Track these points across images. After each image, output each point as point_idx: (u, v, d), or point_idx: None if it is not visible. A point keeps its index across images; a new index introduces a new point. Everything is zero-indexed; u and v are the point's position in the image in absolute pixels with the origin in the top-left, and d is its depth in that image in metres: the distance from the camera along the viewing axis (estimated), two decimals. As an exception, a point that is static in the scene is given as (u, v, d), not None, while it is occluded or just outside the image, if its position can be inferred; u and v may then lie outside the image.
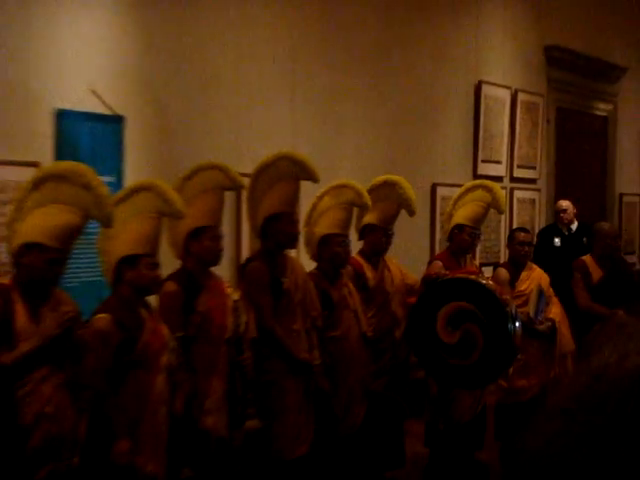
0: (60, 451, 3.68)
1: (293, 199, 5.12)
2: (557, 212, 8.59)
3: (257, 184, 5.03)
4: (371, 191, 5.61)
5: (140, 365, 4.04)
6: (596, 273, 6.85)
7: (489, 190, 6.03)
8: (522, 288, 6.24)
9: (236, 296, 4.69)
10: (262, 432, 4.69)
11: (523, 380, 6.15)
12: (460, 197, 6.08)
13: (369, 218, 5.69)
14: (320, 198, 5.42)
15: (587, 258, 6.96)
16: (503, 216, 8.62)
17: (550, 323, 6.18)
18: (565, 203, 8.63)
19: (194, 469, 4.22)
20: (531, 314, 6.09)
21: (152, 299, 4.38)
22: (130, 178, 5.28)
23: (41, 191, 3.76)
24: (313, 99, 6.85)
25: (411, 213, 5.80)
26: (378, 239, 5.74)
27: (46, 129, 4.99)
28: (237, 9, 6.20)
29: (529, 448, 1.17)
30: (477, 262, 6.88)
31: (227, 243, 5.32)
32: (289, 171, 5.04)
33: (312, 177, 5.09)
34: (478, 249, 7.53)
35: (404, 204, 5.73)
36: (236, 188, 4.86)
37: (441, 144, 8.26)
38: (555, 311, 6.28)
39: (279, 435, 4.86)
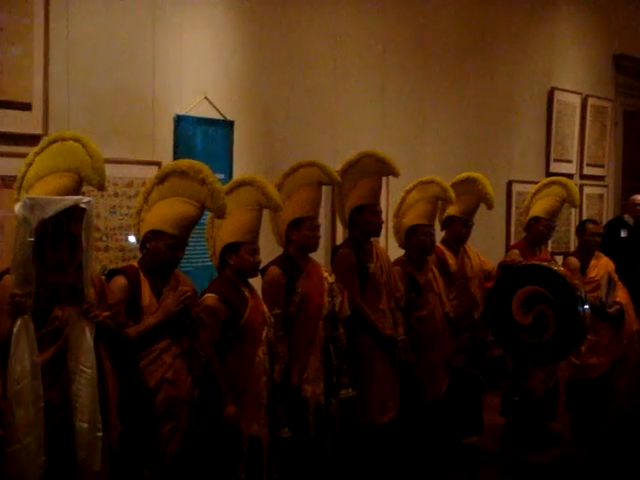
0: (179, 412, 3.72)
1: (376, 192, 5.08)
2: (632, 205, 8.32)
3: (344, 179, 5.01)
4: (453, 186, 5.53)
5: (244, 338, 4.06)
6: None
7: (564, 186, 5.90)
8: (592, 275, 6.09)
9: (332, 279, 4.68)
10: (355, 400, 4.66)
11: (594, 358, 6.00)
12: (537, 192, 5.97)
13: (451, 210, 5.62)
14: (408, 192, 5.38)
15: None
16: (574, 209, 8.45)
17: (618, 306, 6.02)
18: None
19: (293, 430, 4.22)
20: (603, 298, 5.94)
21: (256, 281, 4.40)
22: (238, 175, 5.30)
23: (164, 185, 3.80)
24: (400, 104, 6.80)
25: (490, 207, 5.71)
26: (459, 229, 5.66)
27: (167, 132, 5.08)
28: (334, 26, 6.19)
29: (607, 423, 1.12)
30: (550, 251, 6.71)
31: (324, 232, 5.32)
32: (372, 167, 5.01)
33: (393, 172, 5.05)
34: (551, 239, 7.36)
35: (483, 198, 5.64)
36: (332, 183, 4.84)
37: (517, 144, 8.13)
38: (622, 295, 6.13)
39: (368, 402, 4.83)
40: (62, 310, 3.29)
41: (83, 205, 3.16)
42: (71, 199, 3.19)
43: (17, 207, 3.09)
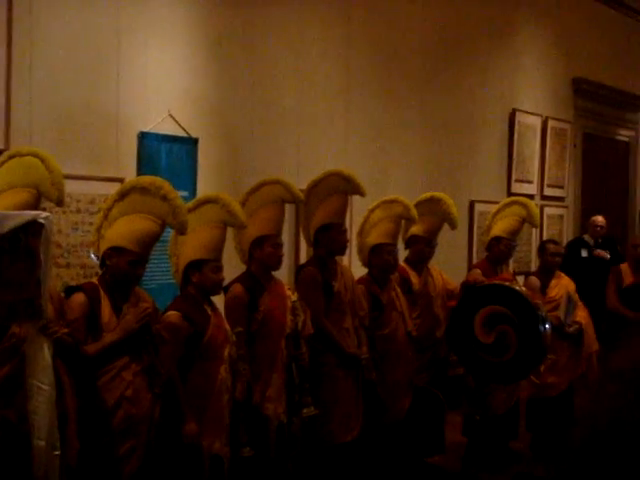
0: (138, 430, 3.68)
1: (342, 211, 5.07)
2: (593, 226, 8.41)
3: (310, 198, 5.01)
4: (417, 205, 5.55)
5: (206, 356, 4.02)
6: (628, 279, 6.81)
7: (524, 206, 5.95)
8: (552, 294, 6.14)
9: (295, 297, 4.66)
10: (317, 418, 4.62)
11: (553, 377, 6.04)
12: (498, 212, 6.00)
13: (415, 230, 5.63)
14: (371, 211, 5.38)
15: (624, 266, 6.96)
16: (534, 229, 8.52)
17: (578, 326, 6.08)
18: (600, 218, 8.47)
19: (254, 449, 4.17)
20: (561, 318, 5.98)
21: (219, 298, 4.36)
22: (202, 192, 5.27)
23: (125, 201, 3.77)
24: (364, 124, 6.83)
25: (453, 227, 5.73)
26: (422, 249, 5.67)
27: (130, 149, 5.03)
28: (298, 44, 6.20)
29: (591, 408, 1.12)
30: (511, 270, 6.76)
31: (287, 250, 5.31)
32: (338, 186, 5.01)
33: (359, 191, 5.05)
34: (512, 259, 7.41)
35: (447, 218, 5.66)
36: (295, 201, 4.83)
37: (479, 164, 8.20)
38: (581, 315, 6.18)
39: (331, 421, 4.80)
40: (20, 326, 3.24)
41: (41, 220, 3.11)
42: (29, 214, 3.15)
43: None
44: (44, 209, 3.52)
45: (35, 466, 3.15)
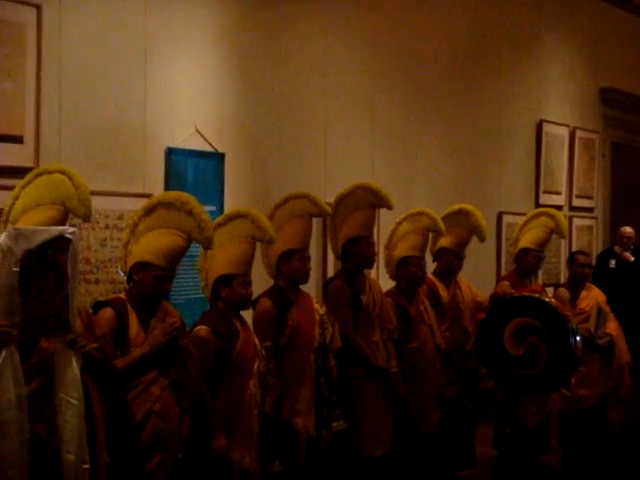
0: (167, 444, 3.66)
1: (370, 224, 5.06)
2: (622, 237, 8.30)
3: (337, 211, 5.01)
4: (446, 218, 5.53)
5: (235, 370, 4.01)
6: None
7: (552, 217, 5.89)
8: (582, 306, 6.07)
9: (323, 311, 4.64)
10: (347, 432, 4.59)
11: (584, 390, 5.95)
12: (526, 223, 5.95)
13: (443, 242, 5.60)
14: (399, 224, 5.35)
15: None
16: (563, 241, 8.46)
17: (609, 338, 5.99)
18: (629, 229, 8.36)
19: (284, 464, 4.15)
20: (592, 330, 5.91)
21: (247, 313, 4.36)
22: (229, 207, 5.28)
23: (152, 216, 3.78)
24: (390, 136, 6.81)
25: (482, 239, 5.69)
26: (451, 261, 5.63)
27: (158, 165, 5.06)
28: (324, 59, 6.21)
29: None
30: (540, 282, 6.69)
31: (314, 264, 5.30)
32: (366, 199, 5.00)
33: (386, 205, 5.03)
34: (541, 271, 7.34)
35: (476, 231, 5.63)
36: (322, 215, 4.82)
37: (507, 176, 8.14)
38: (612, 326, 6.10)
39: (361, 435, 4.77)
40: (48, 341, 3.25)
41: (68, 235, 3.14)
42: (56, 229, 3.17)
43: (1, 237, 3.07)
44: (74, 225, 3.55)
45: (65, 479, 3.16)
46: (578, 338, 5.24)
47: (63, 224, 3.38)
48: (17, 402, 3.03)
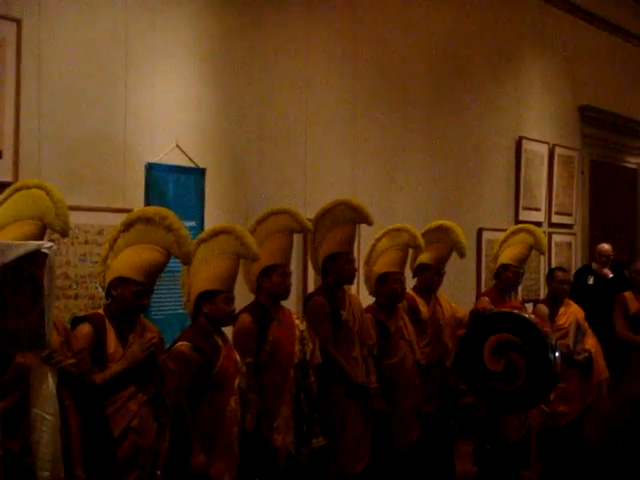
0: (144, 460, 3.63)
1: (350, 240, 5.06)
2: (600, 255, 8.33)
3: (318, 227, 5.00)
4: (426, 234, 5.53)
5: (216, 387, 3.99)
6: (634, 306, 6.76)
7: (531, 233, 5.91)
8: (561, 322, 6.09)
9: (303, 327, 4.62)
10: (326, 449, 4.56)
11: (563, 406, 5.96)
12: (505, 239, 5.96)
13: (423, 258, 5.60)
14: (378, 240, 5.35)
15: (628, 293, 6.89)
16: (543, 257, 8.48)
17: (587, 354, 6.01)
18: (607, 246, 8.40)
19: (264, 480, 4.13)
20: (571, 346, 5.92)
21: (227, 328, 4.33)
22: (210, 223, 5.27)
23: (131, 232, 3.76)
24: (371, 152, 6.82)
25: (462, 255, 5.69)
26: (430, 277, 5.63)
27: (138, 180, 5.03)
28: (305, 74, 6.21)
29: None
30: (520, 298, 6.71)
31: (295, 279, 5.28)
32: (346, 215, 5.00)
33: (367, 221, 5.04)
34: (520, 287, 7.35)
35: (456, 247, 5.63)
36: (304, 231, 4.82)
37: (486, 193, 8.16)
38: (591, 342, 6.13)
39: (340, 452, 4.75)
40: (24, 356, 3.22)
41: (45, 250, 3.11)
42: (32, 244, 3.15)
43: None
44: (53, 240, 3.52)
45: (39, 498, 3.12)
46: (557, 354, 5.25)
47: (41, 239, 3.37)
48: None
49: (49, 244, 3.16)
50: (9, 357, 3.20)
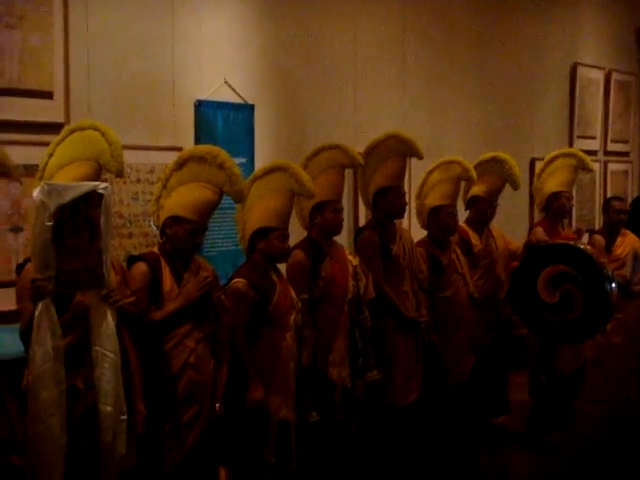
0: (202, 396, 3.71)
1: (400, 174, 5.01)
2: None
3: (368, 161, 4.95)
4: (479, 166, 5.46)
5: (272, 323, 4.03)
6: None
7: (572, 155, 5.78)
8: (618, 253, 6.02)
9: (356, 262, 4.63)
10: (381, 382, 4.61)
11: (620, 337, 5.90)
12: (544, 169, 5.83)
13: (476, 190, 5.53)
14: (430, 173, 5.30)
15: None
16: (597, 186, 8.35)
17: None
18: None
19: (320, 414, 4.18)
20: (628, 276, 5.84)
21: (282, 265, 4.36)
22: (260, 159, 5.28)
23: (183, 170, 3.78)
24: (421, 84, 6.71)
25: (515, 187, 5.61)
26: (483, 209, 5.57)
27: (187, 118, 5.03)
28: (353, 4, 6.10)
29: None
30: (573, 228, 6.60)
31: (346, 214, 5.26)
32: (397, 149, 4.94)
33: (417, 154, 4.97)
34: (575, 217, 7.26)
35: (510, 179, 5.54)
36: (355, 166, 4.78)
37: (539, 122, 8.00)
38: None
39: (391, 384, 4.78)
40: (84, 296, 3.29)
41: (101, 191, 3.16)
42: (88, 184, 3.19)
43: (35, 192, 3.09)
44: (105, 180, 3.56)
45: (103, 431, 3.22)
46: (613, 285, 5.18)
47: (97, 180, 3.39)
48: (54, 354, 3.09)
49: (105, 185, 3.20)
50: (69, 296, 3.27)
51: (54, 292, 3.10)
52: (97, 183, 3.22)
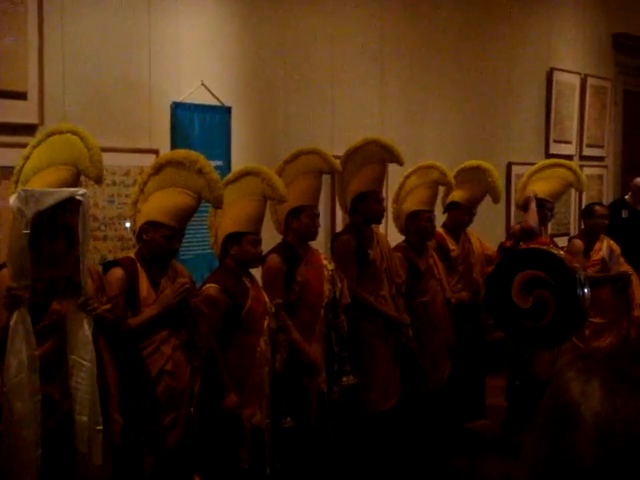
0: (179, 402, 3.71)
1: (380, 179, 5.03)
2: (635, 191, 8.19)
3: (347, 165, 4.96)
4: (461, 172, 5.49)
5: (245, 328, 4.03)
6: None
7: (572, 171, 5.81)
8: (596, 258, 6.08)
9: (331, 266, 4.64)
10: (357, 387, 4.63)
11: (597, 342, 5.99)
12: (538, 171, 5.86)
13: (456, 196, 5.55)
14: (407, 177, 5.33)
15: None
16: (573, 191, 8.40)
17: (622, 270, 6.04)
18: None
19: (295, 419, 4.20)
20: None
21: (256, 270, 4.37)
22: (237, 162, 5.27)
23: (161, 175, 3.77)
24: (399, 88, 6.73)
25: (496, 200, 5.64)
26: (462, 216, 5.60)
27: (163, 120, 5.02)
28: (332, 8, 6.11)
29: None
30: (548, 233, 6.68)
31: (323, 218, 5.28)
32: (376, 154, 4.96)
33: (398, 160, 4.99)
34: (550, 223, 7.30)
35: (491, 191, 5.56)
36: (333, 172, 4.79)
37: (516, 126, 8.06)
38: (626, 268, 6.13)
39: (370, 389, 4.80)
40: (60, 304, 3.27)
41: (79, 197, 3.14)
42: (66, 191, 3.17)
43: (12, 199, 3.07)
44: (81, 185, 3.54)
45: (78, 441, 3.20)
46: (586, 290, 5.25)
47: (74, 185, 3.37)
48: (29, 364, 3.06)
49: (83, 191, 3.18)
50: (45, 304, 3.25)
51: (30, 301, 3.07)
52: (75, 189, 3.20)
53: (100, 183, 3.56)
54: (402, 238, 5.38)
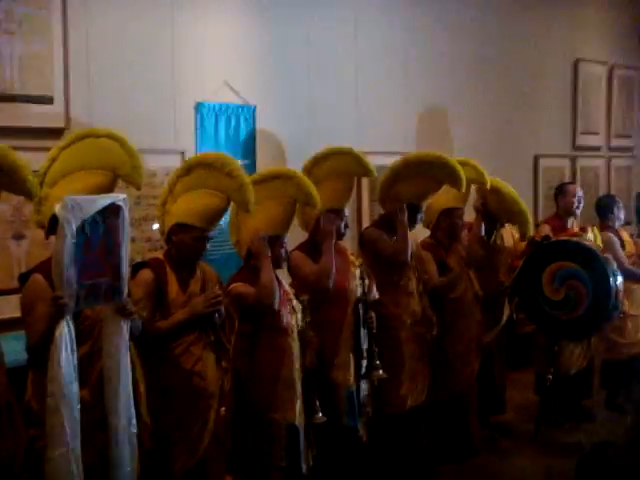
0: (208, 403, 3.70)
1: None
2: None
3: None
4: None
5: (274, 327, 4.02)
6: None
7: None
8: (629, 248, 6.05)
9: (359, 262, 4.62)
10: (386, 383, 4.61)
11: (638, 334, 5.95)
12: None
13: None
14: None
15: None
16: (602, 182, 8.37)
17: None
18: None
19: (326, 415, 4.18)
20: None
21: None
22: (262, 160, 5.29)
23: (190, 176, 3.74)
24: (425, 84, 6.70)
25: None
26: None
27: (188, 120, 5.04)
28: (354, 6, 6.10)
29: None
30: (577, 226, 6.61)
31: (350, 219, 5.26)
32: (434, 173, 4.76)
33: (457, 184, 4.73)
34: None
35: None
36: (367, 175, 4.70)
37: (542, 119, 7.99)
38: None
39: (399, 386, 4.77)
40: (92, 309, 3.23)
41: (119, 203, 3.10)
42: (109, 197, 3.12)
43: (57, 208, 2.98)
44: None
45: (112, 444, 3.16)
46: (619, 281, 5.21)
47: (111, 190, 3.34)
48: (75, 373, 2.99)
49: (123, 197, 3.13)
50: (79, 311, 3.16)
51: (75, 309, 3.02)
52: (116, 195, 3.16)
53: (139, 189, 3.52)
54: (425, 232, 5.32)
